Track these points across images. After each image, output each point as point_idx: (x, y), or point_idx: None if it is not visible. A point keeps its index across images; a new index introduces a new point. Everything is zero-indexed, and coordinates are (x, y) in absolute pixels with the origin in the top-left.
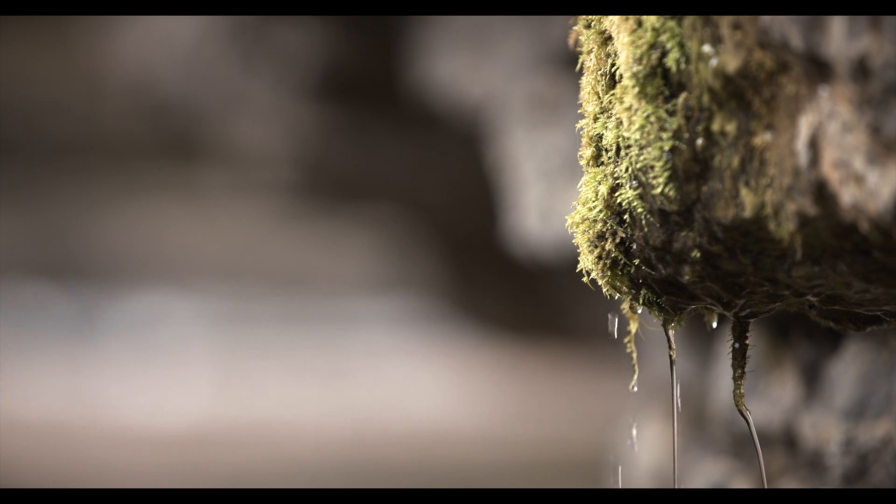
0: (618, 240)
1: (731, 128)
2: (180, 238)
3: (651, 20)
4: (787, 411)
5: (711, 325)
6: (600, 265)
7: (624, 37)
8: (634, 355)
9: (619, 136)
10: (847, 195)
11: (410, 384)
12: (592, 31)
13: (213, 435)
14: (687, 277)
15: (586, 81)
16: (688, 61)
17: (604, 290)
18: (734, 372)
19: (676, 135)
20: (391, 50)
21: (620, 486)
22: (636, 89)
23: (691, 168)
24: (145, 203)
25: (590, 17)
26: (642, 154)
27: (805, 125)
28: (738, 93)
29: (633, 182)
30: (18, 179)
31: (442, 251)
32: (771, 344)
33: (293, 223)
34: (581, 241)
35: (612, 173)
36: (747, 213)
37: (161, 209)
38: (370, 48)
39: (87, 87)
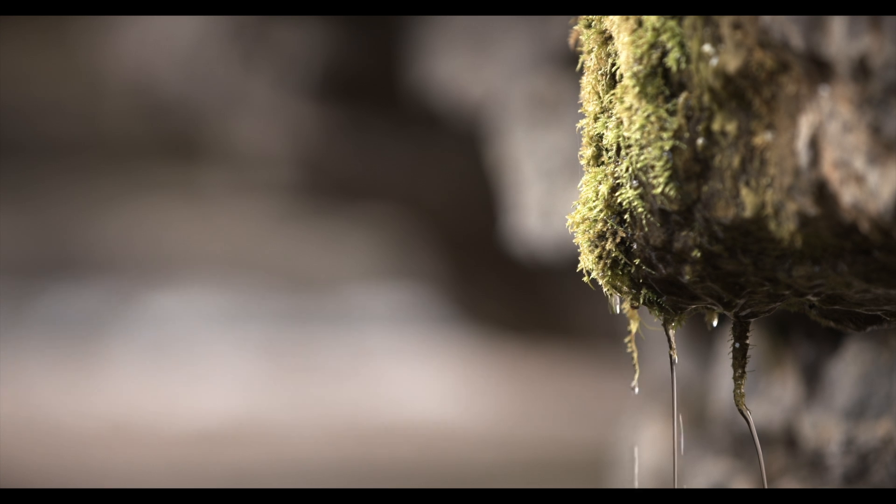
0: (618, 239)
1: (731, 127)
2: (180, 238)
3: (651, 20)
4: (788, 411)
5: (712, 325)
6: (601, 265)
7: (624, 36)
8: (635, 355)
9: (619, 136)
10: (847, 195)
11: (410, 383)
12: (593, 30)
13: (213, 434)
14: (687, 277)
15: (587, 81)
16: (688, 61)
17: (604, 289)
18: (734, 372)
19: (677, 134)
20: (391, 50)
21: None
22: (636, 89)
23: (692, 168)
24: (145, 203)
25: (590, 16)
26: (643, 154)
27: (805, 125)
28: (739, 92)
29: (634, 182)
30: (18, 179)
31: (442, 251)
32: (771, 344)
33: (293, 223)
34: (581, 240)
35: (613, 173)
36: (748, 212)
37: (161, 209)
38: (370, 48)
39: (87, 87)
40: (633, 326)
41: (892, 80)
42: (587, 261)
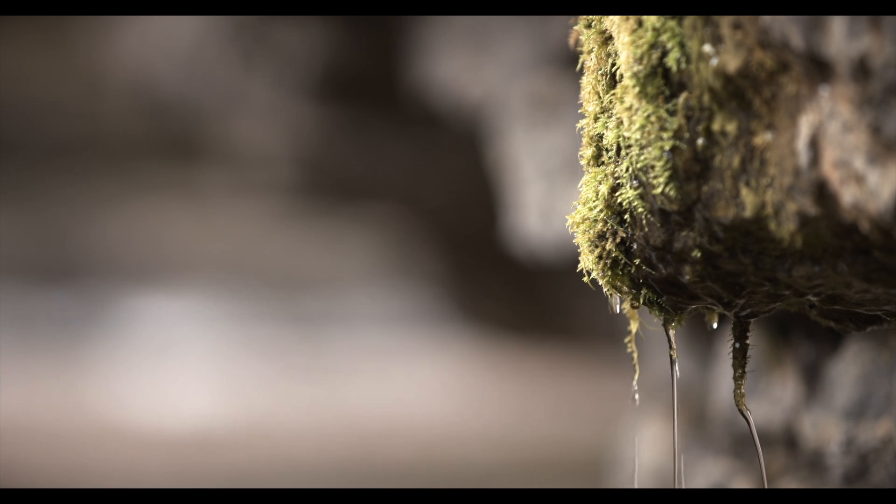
0: (618, 239)
1: (731, 127)
2: (180, 238)
3: (651, 20)
4: (788, 411)
5: (712, 325)
6: (601, 265)
7: (624, 36)
8: (635, 355)
9: (619, 136)
10: (847, 195)
11: (410, 384)
12: (593, 30)
13: (213, 435)
14: (687, 277)
15: (587, 81)
16: (688, 61)
17: (604, 289)
18: (735, 372)
19: (677, 134)
20: (391, 50)
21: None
22: (637, 89)
23: (692, 168)
24: (145, 203)
25: (590, 16)
26: (643, 154)
27: (805, 125)
28: (739, 92)
29: (634, 182)
30: (18, 179)
31: (442, 251)
32: (771, 344)
33: (293, 223)
34: (581, 240)
35: (613, 173)
36: (748, 212)
37: (161, 209)
38: (370, 48)
39: (87, 87)
40: (633, 326)
41: (892, 80)
42: (587, 261)
